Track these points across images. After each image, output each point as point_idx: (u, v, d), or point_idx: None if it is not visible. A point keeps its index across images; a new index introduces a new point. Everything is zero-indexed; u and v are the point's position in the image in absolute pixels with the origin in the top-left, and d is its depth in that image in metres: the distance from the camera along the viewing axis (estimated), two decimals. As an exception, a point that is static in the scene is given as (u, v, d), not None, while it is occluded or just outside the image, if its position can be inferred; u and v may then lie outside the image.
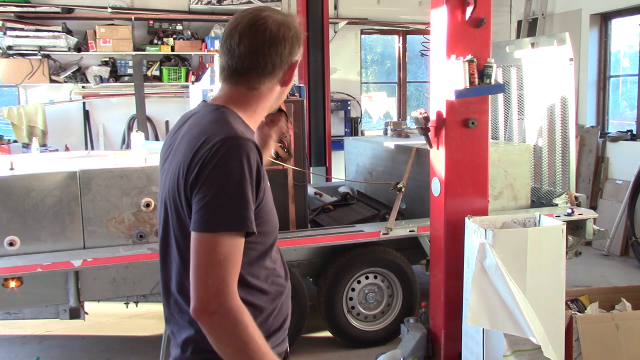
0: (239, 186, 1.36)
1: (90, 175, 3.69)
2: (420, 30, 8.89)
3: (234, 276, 1.37)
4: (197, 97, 5.37)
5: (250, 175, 1.38)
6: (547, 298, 3.03)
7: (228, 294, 1.35)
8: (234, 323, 1.34)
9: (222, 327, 1.35)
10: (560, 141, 4.54)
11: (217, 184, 1.36)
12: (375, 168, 5.39)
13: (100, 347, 4.37)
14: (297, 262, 4.15)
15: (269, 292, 1.55)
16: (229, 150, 1.37)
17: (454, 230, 3.44)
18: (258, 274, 1.51)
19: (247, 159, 1.38)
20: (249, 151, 1.39)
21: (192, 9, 7.81)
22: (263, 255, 1.53)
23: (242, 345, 1.35)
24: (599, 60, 7.35)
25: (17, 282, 3.48)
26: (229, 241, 1.36)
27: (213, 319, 1.34)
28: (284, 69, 1.56)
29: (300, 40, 1.58)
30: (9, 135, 7.25)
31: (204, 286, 1.35)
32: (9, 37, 7.01)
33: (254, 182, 1.39)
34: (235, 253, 1.37)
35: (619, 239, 6.54)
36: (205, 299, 1.34)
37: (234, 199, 1.36)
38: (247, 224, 1.37)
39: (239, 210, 1.36)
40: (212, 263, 1.35)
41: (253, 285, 1.50)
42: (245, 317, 1.36)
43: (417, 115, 3.49)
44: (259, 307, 1.52)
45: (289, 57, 1.56)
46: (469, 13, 3.29)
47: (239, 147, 1.38)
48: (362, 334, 4.26)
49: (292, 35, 1.54)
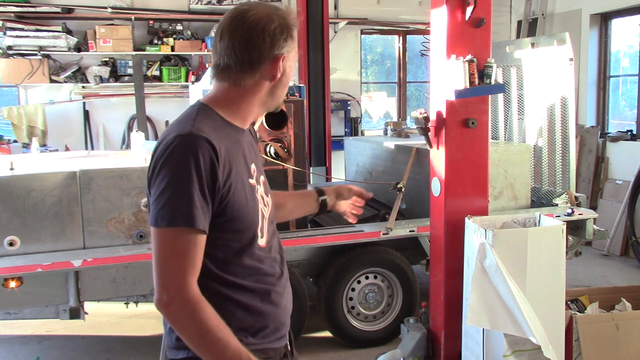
0: (183, 183, 1.38)
1: (90, 175, 3.69)
2: (420, 30, 8.89)
3: (189, 270, 1.41)
4: (197, 97, 5.37)
5: (198, 172, 1.39)
6: (547, 298, 3.03)
7: (180, 286, 1.39)
8: (188, 315, 1.39)
9: (177, 318, 1.41)
10: (560, 141, 4.54)
11: (163, 181, 1.40)
12: (375, 168, 5.39)
13: (100, 347, 4.37)
14: (297, 262, 4.15)
15: (252, 289, 1.55)
16: (177, 148, 1.40)
17: (454, 230, 3.44)
18: (235, 271, 1.53)
19: (194, 155, 1.39)
20: (197, 148, 1.40)
21: (192, 9, 7.81)
22: (240, 253, 1.53)
23: (198, 336, 1.40)
24: (599, 60, 7.35)
25: (17, 282, 3.48)
26: (178, 236, 1.40)
27: (168, 310, 1.41)
28: (267, 62, 1.52)
29: (286, 34, 1.53)
30: (9, 135, 7.25)
31: (158, 278, 1.42)
32: (9, 37, 7.01)
33: (205, 180, 1.40)
34: (188, 248, 1.41)
35: (619, 239, 6.54)
36: (159, 290, 1.41)
37: (177, 195, 1.39)
38: (190, 220, 1.39)
39: (182, 205, 1.39)
40: (165, 256, 1.41)
41: (231, 282, 1.52)
42: (200, 310, 1.40)
43: (417, 115, 3.49)
44: (240, 303, 1.53)
45: (270, 50, 1.51)
46: (469, 13, 3.29)
47: (187, 144, 1.40)
48: (362, 334, 4.26)
49: (274, 27, 1.50)
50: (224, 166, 1.44)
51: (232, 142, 1.52)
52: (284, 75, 1.57)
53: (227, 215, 1.47)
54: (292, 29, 1.55)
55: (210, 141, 1.41)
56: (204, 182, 1.40)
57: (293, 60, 1.60)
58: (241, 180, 1.51)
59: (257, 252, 1.56)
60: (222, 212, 1.45)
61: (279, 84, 1.58)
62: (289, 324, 1.71)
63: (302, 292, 3.97)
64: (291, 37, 1.55)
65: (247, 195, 1.52)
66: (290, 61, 1.58)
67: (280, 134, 4.16)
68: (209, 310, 1.41)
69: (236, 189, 1.48)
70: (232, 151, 1.49)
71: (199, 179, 1.39)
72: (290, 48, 1.56)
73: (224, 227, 1.47)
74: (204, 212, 1.41)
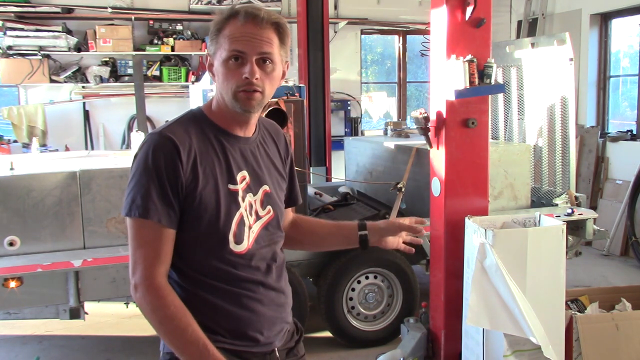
0: (141, 177, 1.47)
1: (90, 175, 3.69)
2: (420, 30, 8.89)
3: (153, 259, 1.47)
4: (197, 97, 5.37)
5: (157, 168, 1.46)
6: (547, 298, 3.03)
7: (143, 274, 1.46)
8: (150, 302, 1.46)
9: (141, 304, 1.47)
10: (560, 141, 4.54)
11: (131, 173, 1.50)
12: (375, 168, 5.39)
13: (100, 347, 4.37)
14: (297, 262, 4.15)
15: (224, 291, 1.56)
16: (144, 145, 1.50)
17: (454, 230, 3.44)
18: (206, 271, 1.56)
19: (153, 153, 1.46)
20: (158, 147, 1.47)
21: (192, 9, 7.80)
22: (208, 255, 1.54)
23: (157, 322, 1.46)
24: (599, 60, 7.35)
25: (17, 282, 3.48)
26: (139, 227, 1.47)
27: (135, 296, 1.48)
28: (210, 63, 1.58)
29: (213, 31, 1.54)
30: (9, 135, 7.25)
31: (129, 266, 1.50)
32: (9, 37, 7.01)
33: (165, 177, 1.46)
34: (151, 239, 1.47)
35: (619, 239, 6.54)
36: (130, 277, 1.49)
37: (136, 187, 1.47)
38: (144, 212, 1.45)
39: (138, 198, 1.46)
40: (132, 244, 1.50)
41: (203, 281, 1.55)
42: (161, 297, 1.46)
43: (417, 115, 3.49)
44: (211, 302, 1.56)
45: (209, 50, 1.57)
46: (469, 13, 3.29)
47: (151, 142, 1.49)
48: (362, 334, 4.26)
49: (211, 30, 1.55)
50: (189, 166, 1.49)
51: (213, 146, 1.55)
52: (217, 75, 1.55)
53: (193, 215, 1.51)
54: (217, 24, 1.52)
55: (173, 140, 1.48)
56: (164, 179, 1.46)
57: (220, 58, 1.52)
58: (213, 183, 1.52)
59: (229, 256, 1.55)
60: (188, 211, 1.50)
61: (217, 83, 1.56)
62: (277, 333, 1.68)
63: (302, 292, 3.97)
64: (216, 33, 1.52)
65: (219, 198, 1.52)
66: (218, 60, 1.53)
67: (280, 134, 4.15)
68: (171, 299, 1.46)
69: (204, 190, 1.50)
70: (207, 154, 1.53)
71: (157, 175, 1.46)
72: (215, 47, 1.53)
73: (190, 226, 1.51)
74: (163, 206, 1.46)
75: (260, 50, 1.50)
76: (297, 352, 1.79)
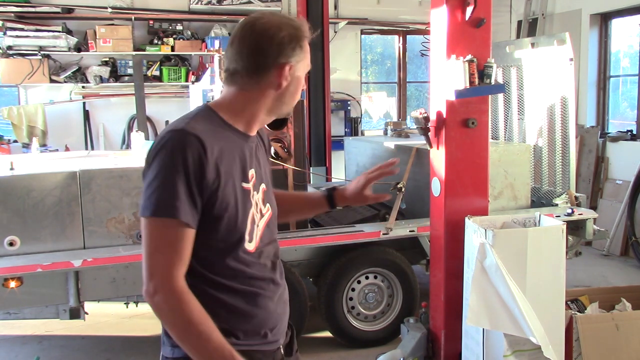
0: (169, 176, 1.42)
1: (90, 175, 3.69)
2: (420, 30, 8.89)
3: (175, 261, 1.43)
4: (197, 97, 5.37)
5: (185, 166, 1.42)
6: (547, 298, 3.03)
7: (165, 277, 1.42)
8: (172, 306, 1.42)
9: (161, 309, 1.43)
10: (560, 141, 4.54)
11: (152, 172, 1.45)
12: (375, 168, 5.38)
13: (100, 347, 4.37)
14: (297, 262, 4.15)
15: (237, 290, 1.56)
16: (168, 142, 1.45)
17: (454, 230, 3.44)
18: (220, 271, 1.54)
19: (181, 150, 1.43)
20: (185, 144, 1.44)
21: (192, 9, 7.80)
22: (224, 254, 1.54)
23: (181, 328, 1.42)
24: (599, 60, 7.35)
25: (17, 282, 3.48)
26: (163, 227, 1.43)
27: (153, 300, 1.43)
28: (271, 70, 1.54)
29: (295, 43, 1.55)
30: (9, 135, 7.25)
31: (145, 269, 1.44)
32: (9, 37, 7.01)
33: (192, 175, 1.43)
34: (174, 240, 1.43)
35: (619, 239, 6.53)
36: (146, 281, 1.43)
37: (162, 186, 1.42)
38: (173, 211, 1.41)
39: (165, 197, 1.42)
40: (151, 247, 1.43)
41: (216, 281, 1.54)
42: (185, 301, 1.42)
43: (417, 115, 3.49)
44: (224, 302, 1.55)
45: (278, 58, 1.53)
46: (469, 13, 3.29)
47: (177, 139, 1.44)
48: (362, 334, 4.26)
49: (282, 36, 1.53)
50: (213, 165, 1.46)
51: (230, 144, 1.54)
52: (292, 84, 1.59)
53: (214, 214, 1.49)
54: (302, 39, 1.57)
55: (200, 138, 1.45)
56: (191, 178, 1.43)
57: (303, 71, 1.61)
58: (232, 182, 1.52)
59: (243, 255, 1.56)
60: (209, 211, 1.48)
61: (285, 92, 1.59)
62: (284, 329, 1.71)
63: (302, 292, 3.97)
64: (300, 47, 1.57)
65: (237, 197, 1.53)
66: (299, 71, 1.59)
67: (280, 134, 4.16)
68: (194, 303, 1.43)
69: (225, 189, 1.49)
70: (226, 153, 1.51)
71: (185, 173, 1.42)
72: (299, 58, 1.57)
73: (209, 226, 1.49)
74: (190, 206, 1.44)
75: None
76: (292, 347, 1.80)
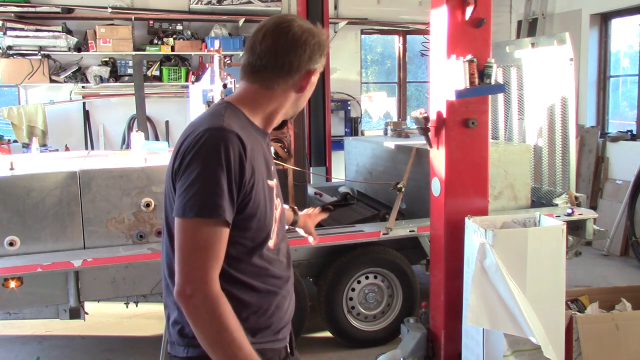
0: (213, 174, 1.41)
1: (90, 175, 3.69)
2: (420, 30, 8.89)
3: (213, 263, 1.42)
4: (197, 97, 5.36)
5: (228, 165, 1.42)
6: (547, 298, 3.03)
7: (204, 280, 1.40)
8: (209, 310, 1.39)
9: (196, 313, 1.40)
10: (560, 141, 4.54)
11: (193, 172, 1.42)
12: (375, 168, 5.39)
13: (100, 347, 4.37)
14: (297, 262, 4.15)
15: (259, 290, 1.57)
16: (208, 140, 1.43)
17: (454, 230, 3.44)
18: (245, 269, 1.54)
19: (224, 149, 1.42)
20: (227, 142, 1.43)
21: (192, 9, 7.80)
22: (252, 252, 1.54)
23: (215, 333, 1.40)
24: (599, 60, 7.35)
25: (17, 282, 3.48)
26: (205, 228, 1.41)
27: (189, 303, 1.40)
28: (301, 73, 1.59)
29: (322, 51, 1.60)
30: (9, 135, 7.25)
31: (182, 271, 1.41)
32: (9, 37, 7.01)
33: (233, 173, 1.43)
34: (214, 240, 1.42)
35: (619, 239, 6.54)
36: (182, 283, 1.40)
37: (207, 186, 1.41)
38: (219, 211, 1.41)
39: (211, 197, 1.41)
40: (189, 249, 1.41)
41: (240, 280, 1.53)
42: (221, 306, 1.40)
43: (417, 115, 3.49)
44: (245, 302, 1.54)
45: (308, 63, 1.58)
46: (469, 13, 3.29)
47: (218, 137, 1.43)
48: (362, 334, 4.26)
49: (315, 42, 1.58)
50: (250, 163, 1.47)
51: (256, 142, 1.56)
52: (308, 90, 1.64)
53: (247, 213, 1.49)
54: (326, 47, 1.63)
55: (240, 137, 1.46)
56: (232, 176, 1.43)
57: (318, 74, 1.67)
58: (262, 180, 1.53)
59: (267, 252, 1.58)
60: (243, 209, 1.48)
61: (303, 96, 1.65)
62: (290, 326, 1.73)
63: (302, 292, 3.97)
64: (323, 56, 1.62)
65: (265, 195, 1.55)
66: (316, 75, 1.65)
67: (280, 134, 4.16)
68: (229, 309, 1.42)
69: (257, 187, 1.51)
70: (256, 150, 1.53)
71: (228, 172, 1.42)
72: (321, 65, 1.63)
73: (241, 225, 1.49)
74: (231, 205, 1.44)
75: None
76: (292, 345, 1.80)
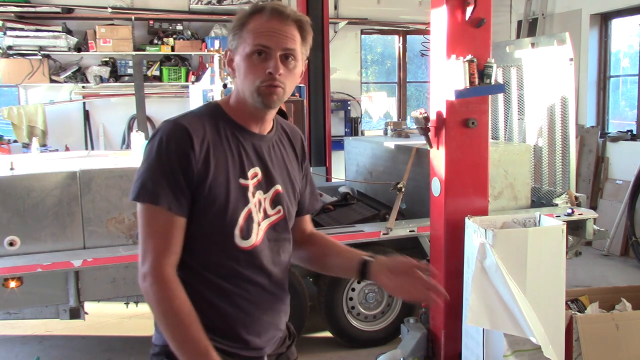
0: (152, 161, 1.46)
1: (90, 175, 3.69)
2: (420, 30, 8.89)
3: (162, 248, 1.45)
4: (197, 97, 5.37)
5: (169, 155, 1.45)
6: (547, 298, 3.03)
7: (153, 263, 1.44)
8: (157, 292, 1.43)
9: (147, 294, 1.44)
10: (560, 141, 4.54)
11: (142, 160, 1.49)
12: (375, 168, 5.39)
13: (100, 347, 4.37)
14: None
15: (218, 286, 1.54)
16: (158, 132, 1.49)
17: (454, 230, 3.44)
18: (206, 264, 1.54)
19: (166, 140, 1.46)
20: (170, 134, 1.47)
21: (192, 9, 7.81)
22: (212, 248, 1.53)
23: (163, 315, 1.43)
24: (599, 60, 7.35)
25: (17, 282, 3.47)
26: (150, 213, 1.45)
27: (143, 285, 1.45)
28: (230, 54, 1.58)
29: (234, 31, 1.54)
30: (9, 135, 7.25)
31: (139, 253, 1.47)
32: (9, 37, 7.01)
33: (177, 164, 1.45)
34: (162, 226, 1.46)
35: (619, 239, 6.54)
36: (139, 265, 1.46)
37: (146, 173, 1.46)
38: (155, 198, 1.44)
39: (148, 184, 1.45)
40: (142, 232, 1.47)
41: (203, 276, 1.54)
42: (169, 290, 1.43)
43: (417, 115, 3.49)
44: (205, 296, 1.53)
45: (230, 43, 1.57)
46: (469, 13, 3.29)
47: (163, 130, 1.48)
48: (362, 334, 4.26)
49: (233, 25, 1.55)
50: (202, 156, 1.47)
51: (228, 140, 1.54)
52: (239, 69, 1.54)
53: (201, 205, 1.49)
54: (241, 19, 1.53)
55: (187, 130, 1.47)
56: (176, 165, 1.45)
57: (244, 52, 1.51)
58: (224, 176, 1.51)
59: (234, 252, 1.54)
60: (197, 201, 1.49)
61: (238, 78, 1.56)
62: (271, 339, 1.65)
63: (302, 292, 3.97)
64: (239, 28, 1.52)
65: (229, 192, 1.52)
66: (240, 54, 1.52)
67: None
68: (178, 293, 1.44)
69: (214, 182, 1.49)
70: (220, 147, 1.52)
71: (169, 161, 1.45)
72: (237, 42, 1.53)
73: (197, 217, 1.50)
74: (175, 194, 1.45)
75: (284, 46, 1.50)
76: (288, 357, 1.75)
